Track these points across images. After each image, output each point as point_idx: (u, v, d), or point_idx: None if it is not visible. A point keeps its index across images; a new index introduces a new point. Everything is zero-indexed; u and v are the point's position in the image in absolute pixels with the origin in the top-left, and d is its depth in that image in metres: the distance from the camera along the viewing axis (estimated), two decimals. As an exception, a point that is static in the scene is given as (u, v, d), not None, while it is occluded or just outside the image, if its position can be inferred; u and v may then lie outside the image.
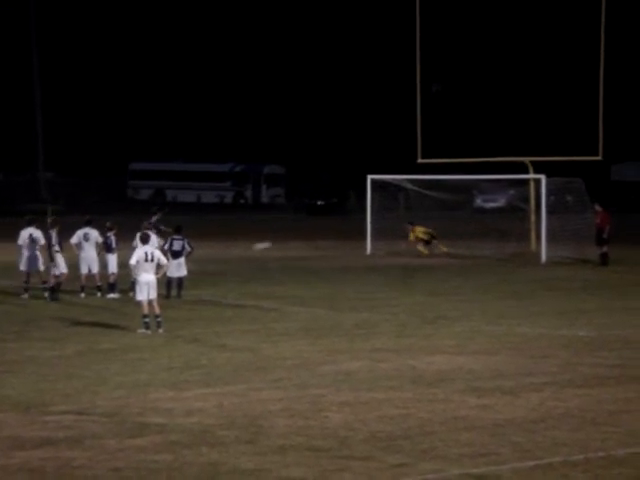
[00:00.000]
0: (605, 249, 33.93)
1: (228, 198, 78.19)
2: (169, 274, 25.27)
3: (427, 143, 39.85)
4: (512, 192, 47.63)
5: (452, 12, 65.13)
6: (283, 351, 18.54)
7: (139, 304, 20.69)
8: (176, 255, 25.71)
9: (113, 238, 26.30)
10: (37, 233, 26.08)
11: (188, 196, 76.93)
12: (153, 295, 20.57)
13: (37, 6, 74.72)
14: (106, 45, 79.75)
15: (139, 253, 20.73)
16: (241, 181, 78.77)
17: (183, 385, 15.65)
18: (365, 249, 39.14)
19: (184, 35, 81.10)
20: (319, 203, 70.46)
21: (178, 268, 25.68)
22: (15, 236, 26.76)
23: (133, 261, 20.65)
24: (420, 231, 38.14)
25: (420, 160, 39.72)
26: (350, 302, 25.35)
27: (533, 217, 38.38)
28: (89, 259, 26.05)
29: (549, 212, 36.48)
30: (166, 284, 25.44)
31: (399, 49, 60.46)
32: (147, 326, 20.40)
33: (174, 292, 25.64)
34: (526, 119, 71.69)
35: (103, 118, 79.82)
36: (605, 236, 33.93)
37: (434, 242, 38.02)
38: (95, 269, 26.15)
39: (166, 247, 25.54)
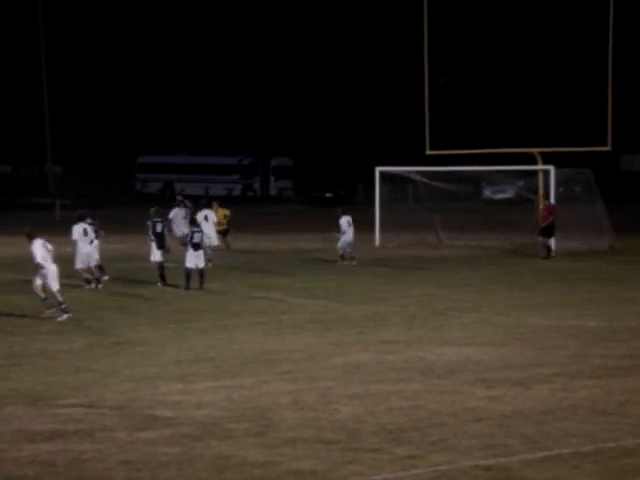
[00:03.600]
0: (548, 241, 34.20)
1: (236, 191, 78.21)
2: (189, 265, 25.43)
3: (435, 135, 39.81)
4: (521, 183, 47.55)
5: (459, 4, 65.00)
6: (292, 343, 18.54)
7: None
8: (196, 247, 25.84)
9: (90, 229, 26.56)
10: (90, 228, 26.37)
11: (196, 189, 76.99)
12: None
13: (45, 1, 74.77)
14: (113, 39, 79.75)
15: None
16: (249, 174, 78.78)
17: (192, 378, 15.65)
18: (374, 241, 39.11)
19: (191, 28, 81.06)
20: (327, 195, 70.44)
21: (197, 259, 25.79)
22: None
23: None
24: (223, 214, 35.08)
25: (428, 152, 39.67)
26: (359, 294, 25.34)
27: (541, 208, 38.27)
28: (90, 254, 26.26)
29: (558, 203, 36.42)
30: (185, 275, 25.56)
31: (406, 41, 60.45)
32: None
33: (195, 284, 25.64)
34: (534, 110, 71.56)
35: (111, 112, 79.85)
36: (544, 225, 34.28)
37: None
38: (93, 263, 26.40)
39: (187, 239, 26.08)
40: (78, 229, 26.20)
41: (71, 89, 77.93)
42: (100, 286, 26.22)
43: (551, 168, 36.99)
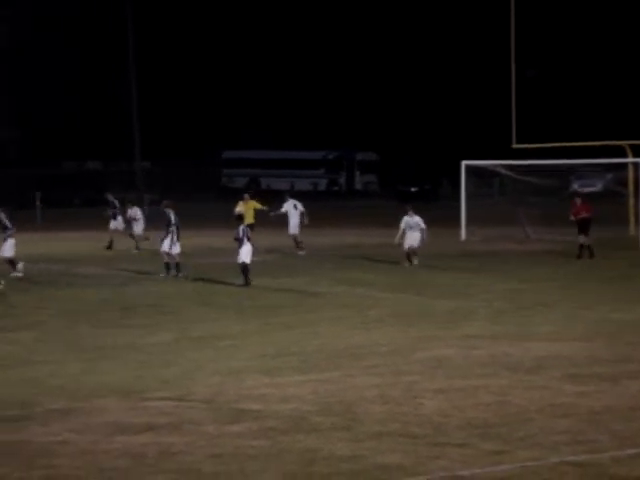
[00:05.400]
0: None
1: (321, 185, 78.33)
2: (247, 260, 25.28)
3: (522, 128, 39.43)
4: (609, 176, 46.92)
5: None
6: (376, 338, 18.54)
7: None
8: (244, 242, 25.59)
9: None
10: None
11: (282, 184, 77.26)
12: None
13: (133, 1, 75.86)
14: (199, 34, 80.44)
15: None
16: (334, 168, 78.84)
17: (277, 372, 15.74)
18: (459, 235, 38.90)
19: (276, 22, 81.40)
20: (412, 190, 70.21)
21: (250, 254, 25.56)
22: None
23: None
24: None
25: (515, 145, 39.30)
26: (444, 288, 25.22)
27: (632, 201, 37.71)
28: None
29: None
30: (243, 270, 25.40)
31: (494, 34, 59.88)
32: None
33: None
34: (624, 102, 70.40)
35: (198, 108, 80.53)
36: (572, 219, 32.49)
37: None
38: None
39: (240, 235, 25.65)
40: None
41: (159, 86, 78.80)
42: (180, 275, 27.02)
43: (641, 161, 36.40)
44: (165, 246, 27.40)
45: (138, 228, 35.52)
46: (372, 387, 14.57)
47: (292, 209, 34.32)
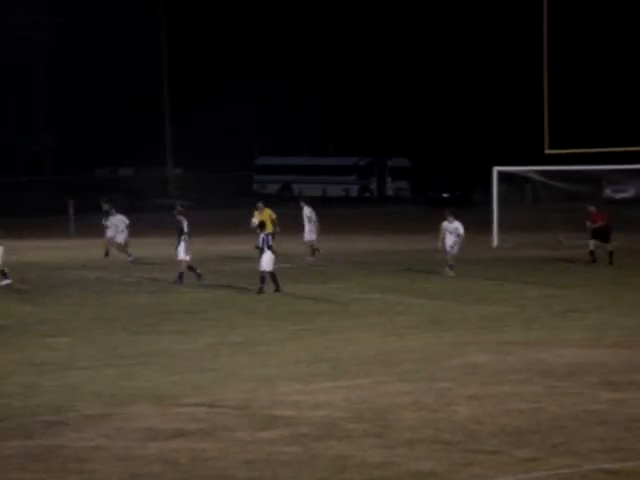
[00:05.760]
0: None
1: (353, 191, 78.35)
2: (268, 268, 25.16)
3: (555, 133, 39.23)
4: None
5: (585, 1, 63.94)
6: (409, 344, 18.52)
7: None
8: (268, 250, 25.42)
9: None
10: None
11: (314, 190, 77.30)
12: None
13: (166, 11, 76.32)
14: (228, 40, 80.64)
15: None
16: (366, 174, 78.85)
17: (310, 378, 15.76)
18: (491, 241, 38.78)
19: (306, 27, 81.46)
20: (444, 195, 70.06)
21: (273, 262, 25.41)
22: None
23: None
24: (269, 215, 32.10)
25: (547, 151, 39.13)
26: (476, 295, 25.15)
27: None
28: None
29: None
30: (271, 277, 25.27)
31: (527, 39, 59.69)
32: None
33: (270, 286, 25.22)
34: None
35: (230, 113, 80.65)
36: (589, 227, 31.91)
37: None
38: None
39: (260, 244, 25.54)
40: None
41: (191, 91, 79.06)
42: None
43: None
44: (181, 253, 27.37)
45: (120, 237, 33.77)
46: (404, 394, 14.55)
47: (308, 216, 34.14)
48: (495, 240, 38.87)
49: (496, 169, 40.65)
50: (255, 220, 30.43)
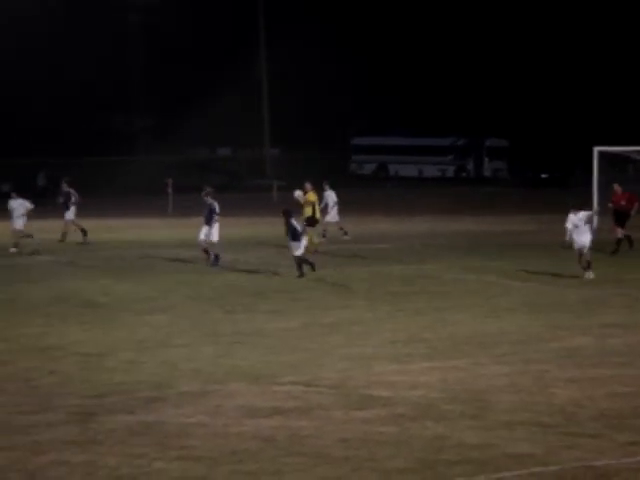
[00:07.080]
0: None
1: (450, 172, 77.85)
2: (297, 253, 24.70)
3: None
4: None
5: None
6: (506, 326, 18.35)
7: None
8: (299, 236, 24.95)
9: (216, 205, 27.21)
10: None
11: (410, 170, 77.04)
12: None
13: None
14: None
15: None
16: (463, 155, 78.24)
17: (406, 359, 15.71)
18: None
19: (414, 16, 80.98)
20: (543, 176, 69.20)
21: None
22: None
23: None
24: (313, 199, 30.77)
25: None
26: (574, 278, 24.76)
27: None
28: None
29: None
30: (306, 263, 24.92)
31: (630, 16, 58.56)
32: None
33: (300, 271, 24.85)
34: None
35: (325, 93, 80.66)
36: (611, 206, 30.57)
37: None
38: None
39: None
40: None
41: (288, 72, 79.28)
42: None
43: None
44: (214, 236, 27.05)
45: (19, 223, 30.79)
46: (501, 375, 14.42)
47: (332, 199, 33.98)
48: (595, 221, 38.21)
49: (597, 149, 39.96)
50: (299, 195, 30.31)
